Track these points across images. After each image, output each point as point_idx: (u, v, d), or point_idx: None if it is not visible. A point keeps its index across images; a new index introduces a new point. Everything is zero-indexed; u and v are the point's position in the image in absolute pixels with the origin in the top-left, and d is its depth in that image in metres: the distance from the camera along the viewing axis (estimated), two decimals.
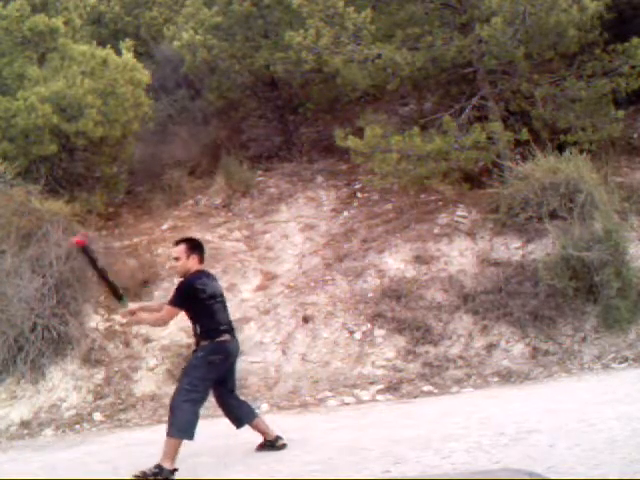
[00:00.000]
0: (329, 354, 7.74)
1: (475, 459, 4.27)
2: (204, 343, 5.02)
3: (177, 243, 5.27)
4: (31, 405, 7.56)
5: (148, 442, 6.30)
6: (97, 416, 7.41)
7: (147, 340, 8.14)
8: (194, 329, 5.10)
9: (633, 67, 8.66)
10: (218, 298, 5.13)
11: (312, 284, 8.49)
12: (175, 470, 4.73)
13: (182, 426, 4.79)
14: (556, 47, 8.82)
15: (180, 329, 8.15)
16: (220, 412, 7.18)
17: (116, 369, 7.87)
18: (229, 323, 5.17)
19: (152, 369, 7.85)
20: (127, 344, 8.12)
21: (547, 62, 9.22)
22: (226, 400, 5.27)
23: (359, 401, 6.99)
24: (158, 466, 4.69)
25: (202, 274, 5.14)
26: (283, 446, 5.21)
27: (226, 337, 5.06)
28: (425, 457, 4.46)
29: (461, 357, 7.50)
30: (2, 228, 8.22)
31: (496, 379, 7.16)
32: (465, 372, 7.30)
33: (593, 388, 6.33)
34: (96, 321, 8.30)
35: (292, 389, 7.37)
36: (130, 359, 7.97)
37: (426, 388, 7.14)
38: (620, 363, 7.07)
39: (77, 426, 7.31)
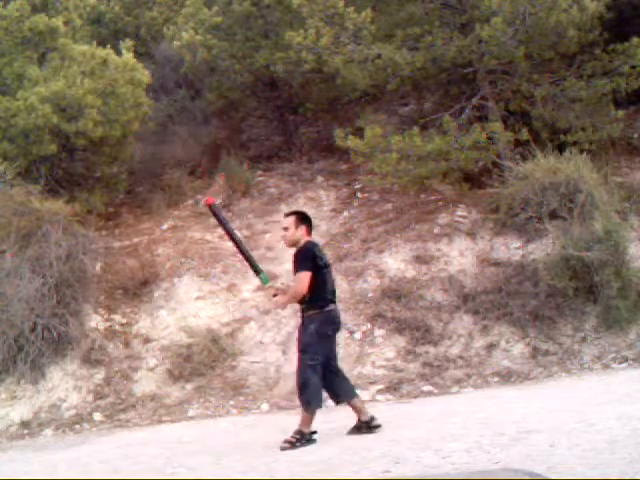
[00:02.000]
0: None
1: (475, 459, 4.27)
2: (313, 313, 5.19)
3: (287, 215, 5.51)
4: (31, 405, 7.57)
5: (148, 442, 6.31)
6: (97, 416, 7.42)
7: (147, 340, 8.15)
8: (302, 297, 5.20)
9: (633, 67, 8.66)
10: (329, 268, 5.36)
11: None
12: (314, 432, 5.18)
13: (314, 399, 5.13)
14: (556, 47, 8.82)
15: (180, 329, 8.16)
16: (219, 412, 7.22)
17: (116, 369, 7.88)
18: (334, 293, 5.34)
19: (152, 369, 7.85)
20: (127, 344, 8.13)
21: (547, 62, 9.21)
22: (326, 373, 5.30)
23: None
24: (299, 432, 5.14)
25: (314, 244, 5.35)
26: (377, 427, 5.29)
27: (332, 306, 5.26)
28: (425, 457, 4.46)
29: (461, 357, 7.50)
30: (2, 228, 8.22)
31: (496, 379, 7.16)
32: (465, 372, 7.30)
33: (593, 388, 6.33)
34: (96, 321, 8.30)
35: (292, 389, 7.35)
36: (130, 359, 7.97)
37: (426, 388, 7.14)
38: (620, 363, 7.07)
39: (77, 426, 7.31)
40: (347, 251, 8.82)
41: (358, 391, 7.12)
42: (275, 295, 5.39)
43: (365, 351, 7.69)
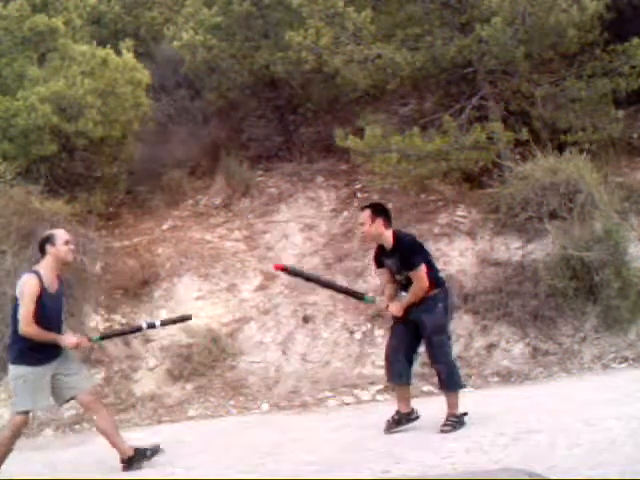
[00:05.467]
0: (329, 354, 7.74)
1: (475, 459, 4.27)
2: (436, 291, 5.19)
3: (363, 209, 5.43)
4: None
5: (148, 442, 6.30)
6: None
7: (147, 340, 8.14)
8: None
9: (633, 67, 8.65)
10: None
11: (312, 284, 8.48)
12: (465, 414, 5.18)
13: (459, 378, 5.24)
14: (556, 47, 8.81)
15: (180, 329, 8.16)
16: (219, 412, 7.22)
17: (116, 369, 7.88)
18: None
19: (152, 369, 7.86)
20: (127, 344, 8.12)
21: (547, 62, 9.20)
22: (400, 352, 5.32)
23: (359, 401, 7.00)
24: (452, 415, 5.13)
25: (406, 233, 5.46)
26: (416, 418, 5.34)
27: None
28: (425, 457, 4.46)
29: (461, 357, 7.49)
30: (2, 228, 8.22)
31: (496, 379, 7.17)
32: (465, 372, 7.29)
33: (593, 388, 6.34)
34: (96, 321, 8.30)
35: (292, 389, 7.37)
36: (130, 359, 7.97)
37: (426, 388, 7.14)
38: (620, 363, 7.08)
39: (77, 426, 7.31)
40: (347, 251, 8.81)
41: (357, 391, 7.19)
42: (387, 307, 5.33)
43: (365, 351, 7.69)
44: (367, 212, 5.27)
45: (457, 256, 8.40)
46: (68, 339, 5.05)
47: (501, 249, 8.35)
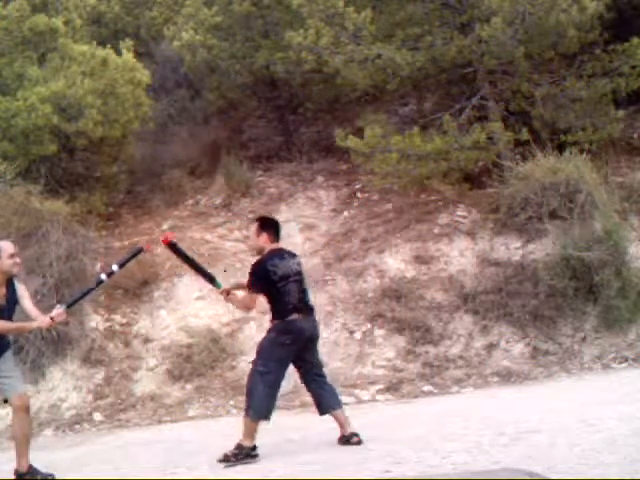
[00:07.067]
0: (329, 354, 7.72)
1: (475, 459, 4.27)
2: (274, 322, 5.12)
3: (254, 222, 5.41)
4: (31, 405, 7.55)
5: (148, 442, 6.31)
6: (97, 416, 7.41)
7: (147, 340, 8.14)
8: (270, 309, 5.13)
9: (633, 67, 8.66)
10: (291, 278, 5.09)
11: (312, 284, 8.48)
12: (255, 447, 4.92)
13: (258, 408, 4.92)
14: (556, 47, 8.81)
15: (180, 329, 8.16)
16: (219, 412, 7.22)
17: (116, 369, 7.87)
18: (302, 301, 5.14)
19: (152, 369, 7.85)
20: (127, 344, 8.13)
21: (547, 62, 9.21)
22: (309, 383, 5.27)
23: (359, 401, 6.99)
24: (238, 446, 4.90)
25: (275, 254, 5.14)
26: (358, 442, 5.04)
27: (295, 316, 5.04)
28: (425, 457, 4.46)
29: (461, 357, 7.50)
30: (2, 228, 8.21)
31: (496, 379, 7.17)
32: (465, 372, 7.31)
33: (593, 388, 6.34)
34: (96, 321, 8.30)
35: (292, 389, 7.36)
36: (130, 359, 7.97)
37: (426, 388, 7.14)
38: (620, 363, 7.08)
39: (77, 426, 7.31)
40: (347, 251, 8.81)
41: (357, 391, 7.18)
42: (228, 294, 5.32)
43: (365, 351, 7.69)
44: (255, 225, 5.29)
45: (457, 256, 8.40)
46: (40, 320, 5.06)
47: (501, 249, 8.35)
